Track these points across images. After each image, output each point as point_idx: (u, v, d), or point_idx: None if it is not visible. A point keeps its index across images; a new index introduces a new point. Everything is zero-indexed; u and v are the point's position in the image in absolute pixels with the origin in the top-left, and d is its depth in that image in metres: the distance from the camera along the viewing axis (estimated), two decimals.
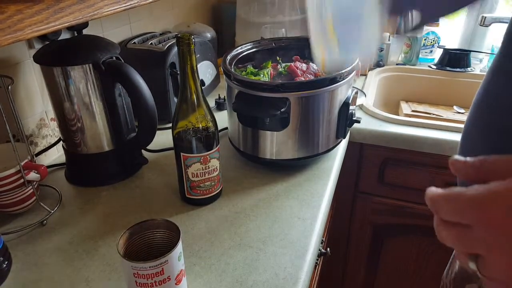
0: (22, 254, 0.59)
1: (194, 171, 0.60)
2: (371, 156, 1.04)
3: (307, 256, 0.58)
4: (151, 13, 1.11)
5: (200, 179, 0.60)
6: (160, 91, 0.93)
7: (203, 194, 0.63)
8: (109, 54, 0.68)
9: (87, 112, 0.69)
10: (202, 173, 0.60)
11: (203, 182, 0.61)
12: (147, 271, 0.44)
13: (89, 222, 0.65)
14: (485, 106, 0.47)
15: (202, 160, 0.59)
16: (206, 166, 0.59)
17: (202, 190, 0.63)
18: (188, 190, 0.63)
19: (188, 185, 0.62)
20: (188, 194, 0.64)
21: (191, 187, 0.62)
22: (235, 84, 0.74)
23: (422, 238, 1.10)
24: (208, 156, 0.59)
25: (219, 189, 0.66)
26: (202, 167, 0.59)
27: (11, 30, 0.31)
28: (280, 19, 1.21)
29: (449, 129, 0.96)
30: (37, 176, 0.63)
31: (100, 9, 0.41)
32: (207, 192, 0.63)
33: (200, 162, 0.59)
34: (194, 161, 0.59)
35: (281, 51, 0.89)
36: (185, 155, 0.59)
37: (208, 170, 0.60)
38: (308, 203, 0.69)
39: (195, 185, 0.62)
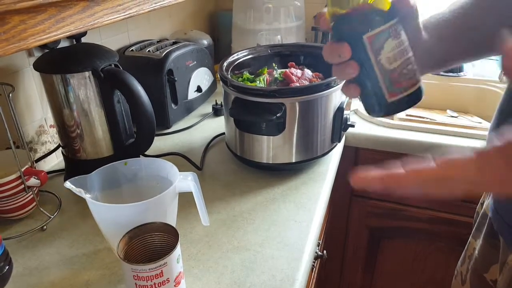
0: (23, 259, 0.60)
1: (390, 54, 0.39)
2: (366, 159, 1.05)
3: (304, 257, 0.59)
4: (149, 21, 1.12)
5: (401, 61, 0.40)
6: (158, 97, 0.94)
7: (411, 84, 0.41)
8: (108, 61, 0.69)
9: (86, 118, 0.70)
10: (399, 52, 0.40)
11: (406, 65, 0.40)
12: (147, 273, 0.45)
13: (88, 226, 0.66)
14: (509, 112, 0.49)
15: (392, 32, 0.39)
16: (400, 42, 0.40)
17: (407, 78, 0.40)
18: (389, 89, 0.40)
19: (387, 81, 0.40)
20: (391, 95, 0.41)
21: (392, 80, 0.40)
22: (231, 90, 0.75)
23: (419, 241, 1.11)
24: (396, 26, 0.39)
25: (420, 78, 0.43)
26: (396, 43, 0.39)
27: (15, 39, 0.32)
28: (276, 26, 1.23)
29: (443, 133, 0.98)
30: (37, 182, 0.64)
31: (100, 18, 0.42)
32: (414, 81, 0.41)
33: (391, 36, 0.39)
34: (384, 37, 0.39)
35: (277, 58, 0.90)
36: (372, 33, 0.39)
37: (404, 46, 0.40)
38: (304, 206, 0.70)
39: (396, 75, 0.40)
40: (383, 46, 0.39)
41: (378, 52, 0.39)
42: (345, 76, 0.41)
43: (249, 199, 0.73)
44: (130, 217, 0.51)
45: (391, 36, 0.39)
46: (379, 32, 0.38)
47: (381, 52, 0.39)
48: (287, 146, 0.75)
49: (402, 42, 0.40)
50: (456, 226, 1.03)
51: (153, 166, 0.61)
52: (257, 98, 0.72)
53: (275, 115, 0.70)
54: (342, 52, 0.39)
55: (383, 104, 0.41)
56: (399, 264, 1.17)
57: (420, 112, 1.28)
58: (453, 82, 1.28)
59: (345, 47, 0.39)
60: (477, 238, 0.61)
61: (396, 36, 0.39)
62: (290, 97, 0.71)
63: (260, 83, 0.80)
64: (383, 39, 0.39)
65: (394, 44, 0.39)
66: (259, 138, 0.75)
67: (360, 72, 0.40)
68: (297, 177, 0.79)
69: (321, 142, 0.78)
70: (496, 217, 0.54)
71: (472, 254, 0.61)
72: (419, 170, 0.33)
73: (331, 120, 0.78)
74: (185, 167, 0.81)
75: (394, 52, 0.39)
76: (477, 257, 0.59)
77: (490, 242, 0.57)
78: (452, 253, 1.08)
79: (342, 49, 0.39)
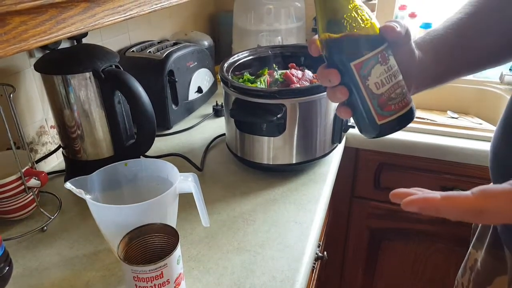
0: (23, 260, 0.60)
1: (378, 79, 0.40)
2: (366, 160, 1.05)
3: (304, 259, 0.59)
4: (149, 22, 1.12)
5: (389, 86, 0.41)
6: (158, 98, 0.94)
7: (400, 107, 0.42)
8: (109, 62, 0.69)
9: (86, 119, 0.70)
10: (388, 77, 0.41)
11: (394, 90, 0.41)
12: (147, 275, 0.45)
13: (89, 227, 0.66)
14: None
15: (380, 58, 0.40)
16: (388, 67, 0.41)
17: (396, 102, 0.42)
18: (378, 112, 0.42)
19: (375, 105, 0.41)
20: (380, 118, 0.42)
21: (381, 105, 0.41)
22: (232, 91, 0.75)
23: (419, 242, 1.11)
24: (384, 52, 0.40)
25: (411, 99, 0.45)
26: (385, 69, 0.40)
27: (16, 40, 0.32)
28: (276, 27, 1.23)
29: (443, 134, 0.98)
30: (38, 182, 0.64)
31: (101, 19, 0.42)
32: (403, 104, 0.42)
33: (379, 62, 0.40)
34: (372, 63, 0.40)
35: (277, 59, 0.90)
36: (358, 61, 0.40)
37: (393, 71, 0.41)
38: (304, 207, 0.70)
39: (385, 99, 0.41)
40: (370, 72, 0.40)
41: (366, 78, 0.40)
42: (336, 99, 0.43)
43: (249, 200, 0.73)
44: (130, 218, 0.51)
45: (379, 62, 0.40)
46: (367, 59, 0.39)
47: (369, 78, 0.40)
48: (287, 147, 0.75)
49: (391, 67, 0.41)
50: (457, 227, 1.03)
51: (153, 167, 0.61)
52: (258, 99, 0.72)
53: (276, 116, 0.70)
54: (331, 77, 0.41)
55: (374, 126, 0.42)
56: (400, 266, 1.17)
57: (420, 113, 1.28)
58: (454, 83, 1.28)
59: (334, 73, 0.41)
60: (479, 249, 0.60)
61: (384, 62, 0.40)
62: (291, 98, 0.71)
63: (261, 84, 0.81)
64: (370, 66, 0.40)
65: (382, 70, 0.40)
66: (260, 139, 0.75)
67: (350, 97, 0.42)
68: (297, 178, 0.79)
69: (321, 143, 0.78)
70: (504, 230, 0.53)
71: (474, 266, 0.60)
72: (454, 199, 0.33)
73: (332, 121, 0.78)
74: (185, 168, 0.81)
75: (382, 78, 0.40)
76: (479, 269, 0.59)
77: (494, 254, 0.56)
78: (452, 254, 1.08)
79: (331, 75, 0.41)
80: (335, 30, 0.39)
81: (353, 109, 0.43)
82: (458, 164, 0.96)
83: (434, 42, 0.47)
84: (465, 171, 0.97)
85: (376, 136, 0.44)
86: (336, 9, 0.39)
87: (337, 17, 0.39)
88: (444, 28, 0.47)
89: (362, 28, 0.39)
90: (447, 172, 0.99)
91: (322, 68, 0.42)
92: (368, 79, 0.40)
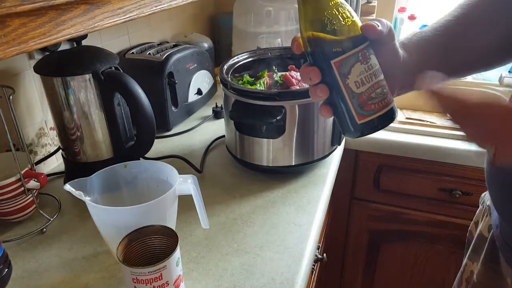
0: (22, 262, 0.60)
1: (358, 78, 0.40)
2: (366, 162, 1.05)
3: (303, 261, 0.59)
4: (149, 23, 1.13)
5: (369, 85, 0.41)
6: (158, 100, 0.94)
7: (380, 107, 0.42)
8: (108, 64, 0.69)
9: (86, 121, 0.70)
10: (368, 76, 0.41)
11: (374, 89, 0.41)
12: (146, 276, 0.45)
13: (88, 229, 0.66)
14: None
15: (360, 57, 0.40)
16: (369, 66, 0.41)
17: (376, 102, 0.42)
18: (358, 111, 0.42)
19: (355, 104, 0.41)
20: (360, 118, 0.42)
21: (361, 104, 0.41)
22: (231, 93, 0.75)
23: (419, 244, 1.11)
24: (365, 51, 0.40)
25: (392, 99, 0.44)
26: (365, 67, 0.41)
27: (15, 42, 0.32)
28: (276, 29, 1.24)
29: (443, 136, 0.98)
30: (37, 184, 0.64)
31: (101, 21, 0.42)
32: (384, 104, 0.42)
33: (359, 60, 0.40)
34: (352, 61, 0.40)
35: (277, 61, 0.90)
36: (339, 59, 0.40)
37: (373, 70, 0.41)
38: (304, 209, 0.70)
39: (365, 98, 0.41)
40: (350, 71, 0.40)
41: (346, 76, 0.40)
42: (316, 98, 0.42)
43: (249, 202, 0.73)
44: (130, 220, 0.51)
45: (359, 60, 0.40)
46: (347, 57, 0.39)
47: (349, 77, 0.40)
48: (287, 149, 0.75)
49: (371, 66, 0.40)
50: (455, 229, 1.03)
51: (153, 169, 0.61)
52: (257, 101, 0.72)
53: (275, 118, 0.70)
54: (312, 76, 0.41)
55: (354, 126, 0.42)
56: (399, 267, 1.17)
57: (420, 115, 1.28)
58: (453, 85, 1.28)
59: (315, 71, 0.41)
60: (475, 261, 0.60)
61: (364, 61, 0.40)
62: (290, 100, 0.71)
63: (260, 86, 0.81)
64: (350, 64, 0.40)
65: (363, 69, 0.40)
66: (259, 141, 0.75)
67: (330, 95, 0.42)
68: (297, 180, 0.79)
69: (321, 145, 0.78)
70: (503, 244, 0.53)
71: (470, 278, 0.60)
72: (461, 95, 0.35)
73: (331, 123, 0.78)
74: (185, 170, 0.81)
75: (362, 77, 0.40)
76: (475, 282, 0.58)
77: (490, 267, 0.56)
78: (451, 256, 1.08)
79: (312, 73, 0.41)
80: (316, 27, 0.39)
81: (334, 108, 0.43)
82: (458, 166, 0.96)
83: (421, 44, 0.46)
84: (464, 173, 0.97)
85: (357, 136, 0.44)
86: (317, 6, 0.39)
87: (318, 15, 0.39)
88: (432, 30, 0.47)
89: (343, 26, 0.39)
90: (446, 174, 0.99)
91: (304, 66, 0.43)
92: (348, 77, 0.40)
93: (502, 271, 0.54)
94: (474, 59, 0.48)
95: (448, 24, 0.47)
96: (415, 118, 1.25)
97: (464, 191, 0.99)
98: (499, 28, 0.45)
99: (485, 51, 0.47)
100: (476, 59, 0.48)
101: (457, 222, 1.02)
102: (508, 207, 0.51)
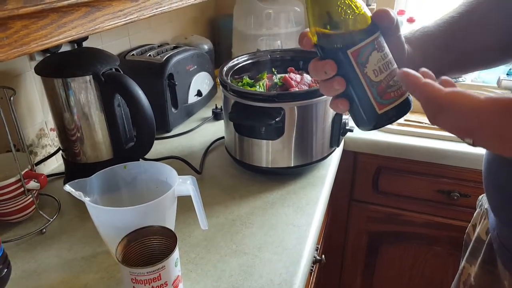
0: (21, 262, 0.60)
1: (376, 66, 0.39)
2: (365, 164, 1.06)
3: (302, 262, 0.59)
4: (150, 25, 1.13)
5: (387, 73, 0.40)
6: (158, 101, 0.95)
7: (399, 94, 0.40)
8: (109, 65, 0.70)
9: (86, 122, 0.70)
10: (385, 64, 0.40)
11: (392, 77, 0.40)
12: (145, 277, 0.45)
13: (87, 230, 0.66)
14: None
15: (376, 45, 0.39)
16: (385, 54, 0.40)
17: (395, 89, 0.40)
18: (378, 101, 0.40)
19: (375, 93, 0.40)
20: (381, 107, 0.40)
21: (380, 93, 0.40)
22: (231, 94, 0.76)
23: (418, 246, 1.11)
24: (379, 39, 0.40)
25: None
26: (381, 55, 0.39)
27: (17, 44, 0.32)
28: (276, 32, 1.24)
29: (441, 138, 0.99)
30: (37, 185, 0.64)
31: (101, 23, 0.42)
32: (401, 92, 0.41)
33: (376, 49, 0.39)
34: (369, 50, 0.39)
35: (277, 63, 0.91)
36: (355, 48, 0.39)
37: (389, 58, 0.40)
38: (303, 210, 0.71)
39: (384, 86, 0.40)
40: (368, 59, 0.39)
41: (364, 65, 0.39)
42: (332, 92, 0.41)
43: (248, 203, 0.73)
44: (129, 221, 0.51)
45: (376, 48, 0.39)
46: (363, 46, 0.39)
47: (367, 66, 0.39)
48: (286, 151, 0.76)
49: (386, 54, 0.40)
50: (453, 231, 1.03)
51: (152, 170, 0.61)
52: (257, 102, 0.72)
53: (274, 119, 0.71)
54: (328, 69, 0.39)
55: (373, 116, 0.41)
56: (398, 269, 1.17)
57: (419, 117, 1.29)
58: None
59: (331, 64, 0.39)
60: (472, 264, 0.60)
61: (380, 49, 0.39)
62: (289, 102, 0.72)
63: (260, 88, 0.81)
64: (367, 52, 0.39)
65: (380, 57, 0.39)
66: (258, 142, 0.76)
67: (347, 87, 0.41)
68: (296, 181, 0.79)
69: (319, 147, 0.79)
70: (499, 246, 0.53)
71: (467, 280, 0.60)
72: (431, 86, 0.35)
73: (330, 124, 0.78)
74: (184, 171, 0.81)
75: (380, 65, 0.39)
76: (473, 285, 0.58)
77: (487, 269, 0.56)
78: (450, 258, 1.08)
79: (328, 66, 0.39)
80: (330, 19, 0.39)
81: (350, 100, 0.41)
82: (455, 168, 0.97)
83: (424, 39, 0.47)
84: (462, 175, 0.97)
85: (373, 128, 0.42)
86: None
87: (331, 6, 0.39)
88: (436, 26, 0.47)
89: (357, 15, 0.38)
90: (444, 176, 0.99)
91: (315, 61, 0.41)
92: (366, 66, 0.39)
93: (499, 274, 0.54)
94: (476, 56, 0.48)
95: (451, 21, 0.47)
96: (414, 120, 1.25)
97: (462, 192, 0.99)
98: (502, 27, 0.46)
99: (487, 48, 0.47)
100: (478, 56, 0.48)
101: (455, 224, 1.03)
102: (504, 209, 0.51)
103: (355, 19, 0.39)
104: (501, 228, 0.53)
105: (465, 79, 1.31)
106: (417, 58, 0.45)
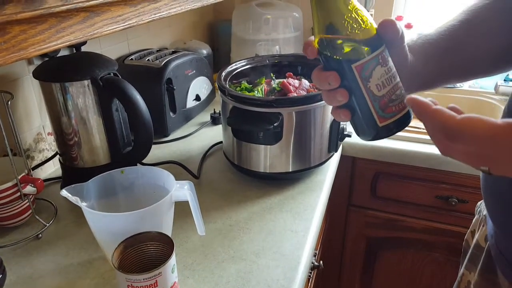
0: (17, 267, 0.59)
1: (379, 81, 0.40)
2: (363, 169, 1.06)
3: (300, 268, 0.59)
4: (148, 30, 1.13)
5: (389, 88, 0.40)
6: (156, 106, 0.95)
7: (400, 108, 0.41)
8: (107, 70, 0.70)
9: (84, 126, 0.70)
10: (388, 79, 0.40)
11: (394, 91, 0.41)
12: (141, 283, 0.45)
13: (84, 235, 0.66)
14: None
15: (380, 59, 0.39)
16: (388, 68, 0.40)
17: (397, 104, 0.41)
18: (379, 115, 0.41)
19: (377, 107, 0.40)
20: (382, 120, 0.41)
21: (382, 107, 0.41)
22: (229, 99, 0.76)
23: (416, 251, 1.11)
24: (384, 53, 0.40)
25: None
26: (385, 70, 0.40)
27: (15, 49, 0.32)
28: (274, 37, 1.25)
29: None
30: (34, 189, 0.64)
31: (100, 28, 0.42)
32: (403, 106, 0.41)
33: (379, 63, 0.39)
34: (373, 64, 0.39)
35: (275, 68, 0.91)
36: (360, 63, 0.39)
37: (392, 72, 0.41)
38: (301, 215, 0.70)
39: (386, 100, 0.40)
40: (371, 74, 0.39)
41: (367, 80, 0.39)
42: (335, 102, 0.41)
43: (245, 208, 0.73)
44: (126, 226, 0.51)
45: (380, 63, 0.39)
46: (368, 60, 0.39)
47: (370, 80, 0.39)
48: (284, 156, 0.76)
49: (390, 68, 0.40)
50: (451, 237, 1.03)
51: (150, 175, 0.61)
52: (255, 107, 0.72)
53: (272, 124, 0.71)
54: (331, 80, 0.40)
55: (374, 128, 0.41)
56: (396, 275, 1.17)
57: (417, 122, 1.29)
58: (449, 94, 1.29)
59: (334, 76, 0.39)
60: (472, 271, 0.60)
61: (384, 63, 0.40)
62: (287, 107, 0.72)
63: (258, 93, 0.81)
64: (371, 67, 0.39)
65: (383, 71, 0.39)
66: (256, 147, 0.76)
67: (350, 99, 0.41)
68: (294, 186, 0.79)
69: (318, 152, 0.79)
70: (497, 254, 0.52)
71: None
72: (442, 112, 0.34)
73: (328, 130, 0.78)
74: (182, 176, 0.81)
75: (383, 79, 0.39)
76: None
77: (487, 278, 0.56)
78: (448, 263, 1.08)
79: (331, 78, 0.39)
80: (336, 31, 0.39)
81: (352, 111, 0.42)
82: (453, 173, 0.97)
83: (425, 46, 0.47)
84: (460, 180, 0.97)
85: (373, 139, 0.43)
86: (336, 10, 0.38)
87: (337, 19, 0.38)
88: (437, 33, 0.48)
89: (363, 29, 0.38)
90: (442, 182, 0.99)
91: (318, 71, 0.41)
92: (369, 81, 0.39)
93: (499, 282, 0.54)
94: (476, 65, 0.48)
95: (452, 29, 0.47)
96: (412, 126, 1.25)
97: (460, 198, 0.99)
98: (501, 36, 0.46)
99: (487, 57, 0.47)
100: (478, 65, 0.48)
101: (453, 230, 1.02)
102: (502, 216, 0.51)
103: (361, 33, 0.39)
104: (499, 235, 0.52)
105: (462, 85, 1.32)
106: (419, 65, 0.45)
